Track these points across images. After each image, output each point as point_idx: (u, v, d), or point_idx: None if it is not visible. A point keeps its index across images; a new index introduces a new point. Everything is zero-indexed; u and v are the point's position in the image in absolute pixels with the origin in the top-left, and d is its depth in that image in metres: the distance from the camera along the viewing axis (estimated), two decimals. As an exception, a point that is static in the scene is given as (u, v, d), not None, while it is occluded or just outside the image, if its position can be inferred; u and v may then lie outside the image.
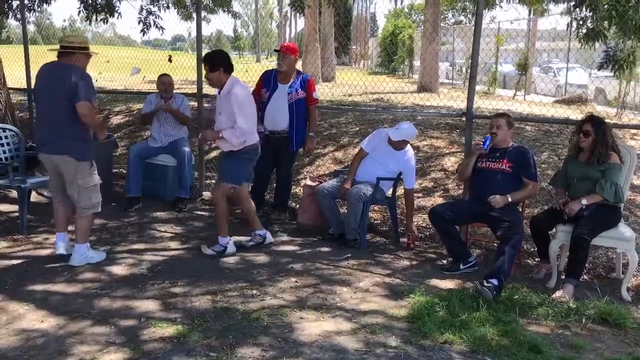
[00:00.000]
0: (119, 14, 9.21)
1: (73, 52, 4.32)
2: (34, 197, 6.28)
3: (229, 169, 4.81)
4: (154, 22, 8.60)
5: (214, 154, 7.50)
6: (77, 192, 4.39)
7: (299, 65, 5.86)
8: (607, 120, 4.49)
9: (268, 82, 5.53)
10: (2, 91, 7.29)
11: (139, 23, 8.52)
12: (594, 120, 4.36)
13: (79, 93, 4.19)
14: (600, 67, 5.39)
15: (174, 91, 6.32)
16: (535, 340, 3.32)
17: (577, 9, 5.67)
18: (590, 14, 5.48)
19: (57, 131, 4.31)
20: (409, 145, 5.23)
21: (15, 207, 5.63)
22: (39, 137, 4.51)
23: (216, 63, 4.63)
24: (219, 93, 4.73)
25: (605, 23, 5.24)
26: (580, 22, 5.56)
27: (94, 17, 9.04)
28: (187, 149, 6.17)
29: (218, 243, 4.80)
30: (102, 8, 9.06)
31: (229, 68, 4.67)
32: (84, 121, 4.27)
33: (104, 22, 9.37)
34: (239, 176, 4.82)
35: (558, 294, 4.03)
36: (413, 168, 5.24)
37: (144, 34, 8.78)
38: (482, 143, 4.61)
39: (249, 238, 5.01)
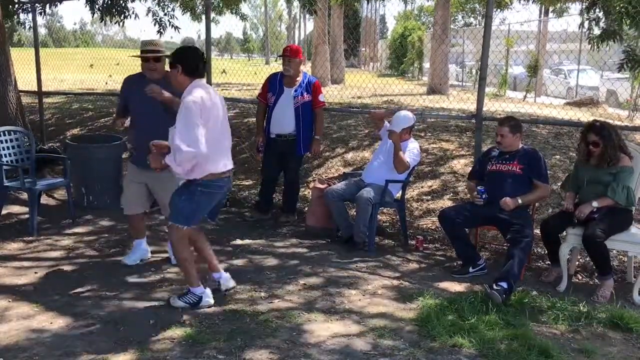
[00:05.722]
0: (136, 15, 9.25)
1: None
2: (44, 199, 6.32)
3: (173, 203, 3.69)
4: (169, 22, 8.58)
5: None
6: None
7: (307, 68, 5.85)
8: (616, 122, 4.42)
9: (274, 86, 5.53)
10: (13, 94, 7.35)
11: (154, 24, 8.51)
12: (598, 128, 4.25)
13: None
14: (620, 68, 5.31)
15: None
16: (545, 344, 3.29)
17: (591, 10, 5.62)
18: (603, 15, 5.43)
19: None
20: (413, 139, 5.22)
21: (26, 209, 5.67)
22: None
23: (174, 58, 3.56)
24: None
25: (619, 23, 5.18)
26: (594, 23, 5.52)
27: (108, 18, 9.10)
28: None
29: (190, 292, 3.79)
30: (116, 11, 9.12)
31: (191, 70, 3.53)
32: None
33: (119, 24, 9.44)
34: (184, 215, 3.63)
35: (599, 292, 4.07)
36: (416, 154, 5.13)
37: (160, 35, 8.77)
38: (480, 196, 4.50)
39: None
